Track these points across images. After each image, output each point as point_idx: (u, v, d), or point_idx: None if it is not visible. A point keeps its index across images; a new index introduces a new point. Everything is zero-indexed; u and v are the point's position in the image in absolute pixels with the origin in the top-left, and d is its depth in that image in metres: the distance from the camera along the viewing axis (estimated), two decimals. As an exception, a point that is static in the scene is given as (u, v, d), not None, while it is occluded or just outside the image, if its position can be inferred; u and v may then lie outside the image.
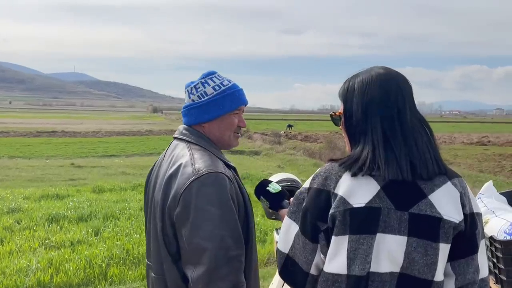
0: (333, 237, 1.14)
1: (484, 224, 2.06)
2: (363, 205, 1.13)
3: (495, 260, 1.93)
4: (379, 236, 1.12)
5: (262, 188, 1.66)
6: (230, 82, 1.65)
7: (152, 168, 1.69)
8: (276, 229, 2.27)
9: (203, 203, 1.38)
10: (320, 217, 1.16)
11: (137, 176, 12.52)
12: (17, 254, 5.33)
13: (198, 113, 1.60)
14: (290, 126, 45.04)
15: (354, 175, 1.15)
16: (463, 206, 1.17)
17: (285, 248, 1.24)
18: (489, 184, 2.24)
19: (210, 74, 1.63)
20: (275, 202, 1.63)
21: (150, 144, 23.71)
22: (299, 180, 2.36)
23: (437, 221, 1.13)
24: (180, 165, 1.47)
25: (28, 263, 4.88)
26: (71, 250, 5.48)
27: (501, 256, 1.88)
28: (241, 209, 1.52)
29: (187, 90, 1.64)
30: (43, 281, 4.57)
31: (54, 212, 7.17)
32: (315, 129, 46.02)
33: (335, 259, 1.14)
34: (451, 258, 1.17)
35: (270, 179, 2.34)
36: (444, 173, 1.19)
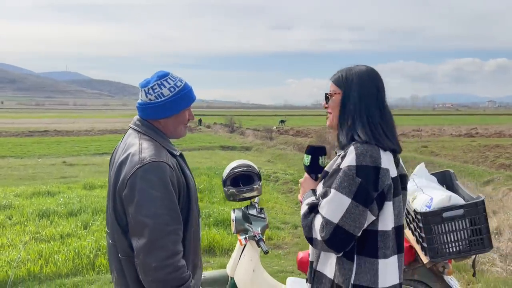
0: (386, 202, 1.49)
1: (412, 200, 2.33)
2: (395, 174, 1.52)
3: (419, 231, 2.19)
4: (404, 192, 1.58)
5: (316, 153, 1.73)
6: (182, 82, 1.84)
7: (113, 152, 1.94)
8: (233, 209, 2.52)
9: (146, 187, 1.62)
10: (374, 187, 1.45)
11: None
12: (8, 247, 5.54)
13: (156, 111, 1.79)
14: (282, 121, 45.35)
15: (384, 150, 1.51)
16: None
17: (335, 218, 1.45)
18: (421, 166, 2.51)
19: (165, 76, 1.81)
20: (315, 170, 1.72)
21: (142, 141, 23.80)
22: (254, 166, 2.61)
23: (406, 177, 1.59)
24: (129, 154, 1.71)
25: (19, 255, 5.10)
26: (60, 242, 5.69)
27: (422, 226, 2.14)
28: (183, 192, 1.75)
29: (144, 90, 1.81)
30: (33, 271, 4.79)
31: (44, 208, 7.36)
32: (308, 124, 46.34)
33: (384, 219, 1.50)
34: None
35: (229, 166, 2.58)
36: None
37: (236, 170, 2.51)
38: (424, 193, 2.25)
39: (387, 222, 1.49)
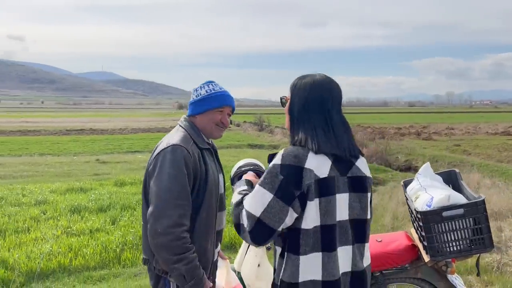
0: (308, 202, 1.55)
1: (415, 199, 2.35)
2: (325, 175, 1.57)
3: (420, 230, 2.21)
4: (337, 196, 1.60)
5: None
6: (221, 89, 2.17)
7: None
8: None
9: (164, 164, 1.92)
10: (296, 186, 1.54)
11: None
12: (41, 241, 5.86)
13: (192, 107, 2.15)
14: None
15: (315, 152, 1.58)
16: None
17: (257, 211, 1.56)
18: (426, 166, 2.52)
19: (210, 82, 2.18)
20: None
21: (173, 140, 24.32)
22: (262, 165, 2.68)
23: (364, 178, 1.67)
24: (163, 141, 2.06)
25: (50, 248, 5.40)
26: (89, 237, 5.97)
27: (422, 224, 2.16)
28: (199, 180, 2.01)
29: (193, 92, 2.19)
30: (63, 263, 5.06)
31: (76, 204, 7.71)
32: (338, 122, 45.78)
33: (309, 217, 1.55)
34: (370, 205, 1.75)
35: (236, 165, 2.67)
36: (359, 152, 1.72)
37: (243, 169, 2.59)
38: (427, 193, 2.27)
39: (308, 221, 1.55)
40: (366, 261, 1.71)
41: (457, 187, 2.45)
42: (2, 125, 40.64)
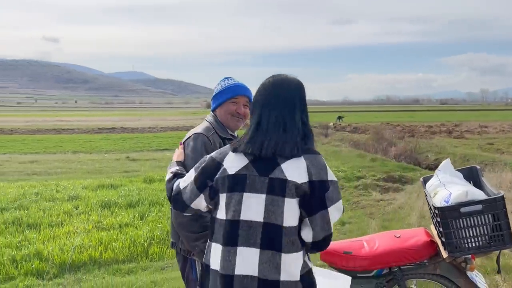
0: (220, 194, 1.68)
1: (433, 195, 2.35)
2: (233, 173, 1.65)
3: (438, 225, 2.20)
4: (246, 194, 1.62)
5: None
6: (236, 82, 2.34)
7: None
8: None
9: (188, 151, 2.17)
10: (209, 177, 1.71)
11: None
12: (73, 234, 6.11)
13: (212, 102, 2.38)
14: (340, 118, 44.58)
15: (234, 151, 1.70)
16: (311, 174, 1.60)
17: (183, 185, 1.79)
18: (446, 162, 2.51)
19: (225, 78, 2.37)
20: None
21: (200, 138, 24.67)
22: None
23: (285, 182, 1.59)
24: (189, 132, 2.30)
25: (82, 241, 5.62)
26: (119, 231, 6.18)
27: (440, 220, 2.16)
28: None
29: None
30: (93, 256, 5.27)
31: (107, 199, 7.98)
32: (366, 120, 45.24)
33: (220, 209, 1.68)
34: (309, 214, 1.60)
35: None
36: (301, 153, 1.63)
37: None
38: (446, 189, 2.26)
39: (219, 212, 1.67)
40: (286, 275, 1.58)
41: (478, 184, 2.43)
42: (38, 124, 42.23)
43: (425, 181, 2.57)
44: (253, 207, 1.60)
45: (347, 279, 1.87)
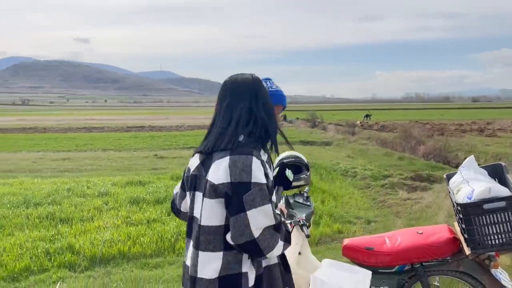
0: (187, 193, 1.80)
1: (456, 192, 2.33)
2: (190, 173, 1.74)
3: (461, 222, 2.19)
4: (197, 193, 1.71)
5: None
6: (277, 88, 2.29)
7: None
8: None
9: None
10: (183, 177, 1.84)
11: (211, 166, 13.44)
12: (103, 229, 6.31)
13: None
14: (367, 116, 44.00)
15: (196, 152, 1.77)
16: (231, 175, 1.58)
17: (175, 191, 1.92)
18: (470, 159, 2.48)
19: (266, 80, 2.26)
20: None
21: (226, 136, 24.88)
22: (303, 157, 2.77)
23: (206, 181, 1.64)
24: None
25: (112, 236, 5.81)
26: (147, 226, 6.34)
27: (462, 217, 2.14)
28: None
29: None
30: (122, 250, 5.44)
31: (135, 196, 8.18)
32: (395, 118, 44.46)
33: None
34: (230, 215, 1.59)
35: (279, 156, 2.78)
36: (228, 150, 1.62)
37: (285, 161, 2.70)
38: (469, 185, 2.24)
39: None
40: (201, 273, 1.61)
41: (503, 181, 2.40)
42: (70, 122, 43.53)
43: (449, 177, 2.56)
44: (197, 205, 1.69)
45: (368, 274, 1.89)
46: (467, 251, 2.30)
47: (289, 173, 2.06)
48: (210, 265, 1.60)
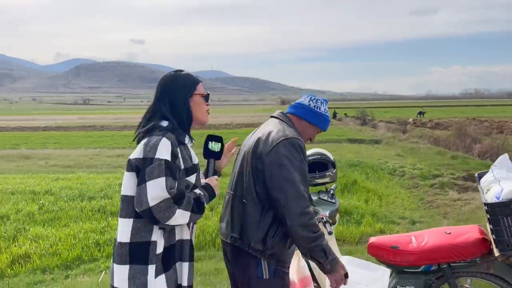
0: None
1: (486, 191, 2.25)
2: None
3: (489, 222, 2.11)
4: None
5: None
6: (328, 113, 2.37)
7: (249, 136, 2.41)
8: None
9: (289, 154, 2.10)
10: None
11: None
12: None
13: (308, 113, 2.29)
14: (421, 113, 42.40)
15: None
16: (143, 152, 1.81)
17: None
18: (503, 157, 2.37)
19: (326, 101, 2.36)
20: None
21: (273, 134, 24.98)
22: (329, 154, 2.77)
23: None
24: (271, 131, 2.18)
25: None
26: (190, 221, 6.56)
27: (490, 217, 2.07)
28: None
29: (310, 98, 2.35)
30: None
31: (181, 192, 8.47)
32: (450, 115, 42.50)
33: None
34: (137, 185, 1.80)
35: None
36: (147, 134, 1.88)
37: (310, 158, 2.72)
38: (499, 185, 2.16)
39: None
40: (119, 236, 1.83)
41: (540, 181, 2.28)
42: (126, 121, 45.53)
43: (480, 176, 2.47)
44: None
45: (386, 272, 1.88)
46: (496, 252, 2.22)
47: (212, 145, 2.12)
48: (123, 230, 1.82)
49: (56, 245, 5.60)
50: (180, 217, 1.77)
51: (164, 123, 1.89)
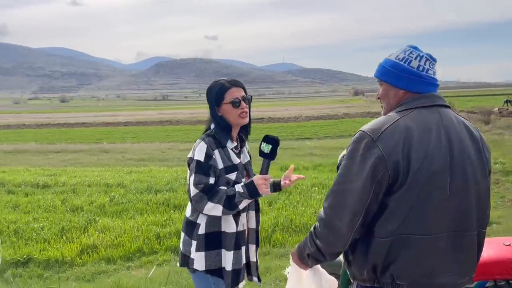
0: None
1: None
2: None
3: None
4: None
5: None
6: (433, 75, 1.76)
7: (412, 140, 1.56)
8: None
9: None
10: None
11: (323, 157, 13.31)
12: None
13: (405, 82, 1.70)
14: (508, 101, 38.78)
15: None
16: (191, 152, 2.27)
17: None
18: None
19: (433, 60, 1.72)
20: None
21: (343, 127, 24.34)
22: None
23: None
24: (470, 125, 1.73)
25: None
26: (247, 216, 6.56)
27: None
28: None
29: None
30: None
31: (242, 186, 8.52)
32: (545, 103, 38.38)
33: None
34: None
35: (342, 153, 2.60)
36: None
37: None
38: None
39: None
40: (187, 211, 2.32)
41: None
42: (200, 115, 47.06)
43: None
44: None
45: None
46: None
47: (263, 145, 2.24)
48: (188, 209, 2.29)
49: (120, 237, 5.90)
50: (212, 209, 2.07)
51: (212, 127, 2.28)
